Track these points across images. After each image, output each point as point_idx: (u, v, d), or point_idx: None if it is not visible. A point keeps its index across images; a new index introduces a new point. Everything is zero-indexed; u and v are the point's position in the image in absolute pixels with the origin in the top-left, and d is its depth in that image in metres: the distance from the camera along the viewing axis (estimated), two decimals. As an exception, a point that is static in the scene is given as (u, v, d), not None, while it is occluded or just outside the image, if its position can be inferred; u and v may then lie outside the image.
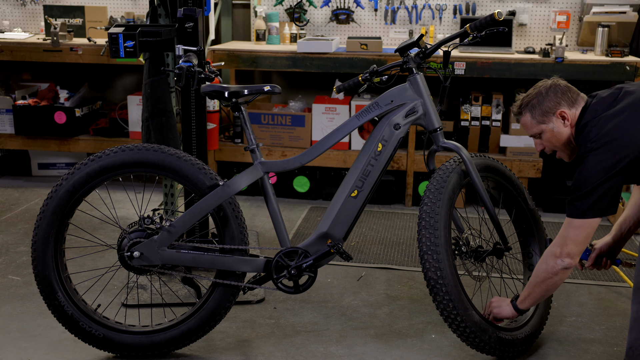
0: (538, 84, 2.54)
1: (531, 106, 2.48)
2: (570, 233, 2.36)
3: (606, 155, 2.27)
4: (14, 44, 4.63)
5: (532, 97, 2.49)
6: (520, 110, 2.53)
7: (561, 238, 2.39)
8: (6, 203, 4.41)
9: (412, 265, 3.53)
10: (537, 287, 2.49)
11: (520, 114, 2.54)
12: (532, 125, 2.50)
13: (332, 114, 4.49)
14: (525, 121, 2.51)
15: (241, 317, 2.95)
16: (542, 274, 2.45)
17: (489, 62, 4.21)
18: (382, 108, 2.62)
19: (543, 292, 2.50)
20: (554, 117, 2.44)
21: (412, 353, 2.70)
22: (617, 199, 2.32)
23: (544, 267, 2.44)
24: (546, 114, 2.45)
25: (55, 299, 2.55)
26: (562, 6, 4.66)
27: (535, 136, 2.52)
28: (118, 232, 3.24)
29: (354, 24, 4.87)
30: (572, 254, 2.37)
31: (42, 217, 2.52)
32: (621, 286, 3.32)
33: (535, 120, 2.47)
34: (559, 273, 2.40)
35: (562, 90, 2.46)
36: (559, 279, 2.42)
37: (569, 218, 2.36)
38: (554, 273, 2.41)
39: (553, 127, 2.45)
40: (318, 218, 4.21)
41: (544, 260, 2.44)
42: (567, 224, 2.38)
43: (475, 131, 4.51)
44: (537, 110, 2.46)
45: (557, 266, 2.39)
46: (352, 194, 2.60)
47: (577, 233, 2.35)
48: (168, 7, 3.18)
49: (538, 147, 2.56)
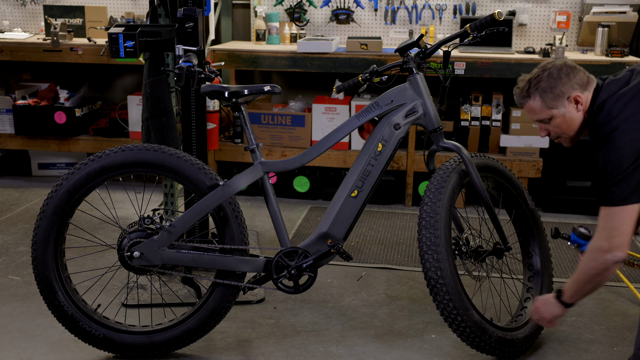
0: (545, 63, 2.34)
1: (542, 89, 2.28)
2: (615, 223, 2.16)
3: (636, 132, 2.10)
4: (14, 44, 4.63)
5: (542, 79, 2.28)
6: (529, 93, 2.32)
7: (605, 230, 2.18)
8: (6, 203, 4.41)
9: (412, 265, 3.53)
10: (586, 285, 2.30)
11: (528, 97, 2.33)
12: (542, 110, 2.31)
13: (332, 114, 4.49)
14: (534, 106, 2.32)
15: (241, 317, 2.95)
16: (591, 271, 2.24)
17: (489, 62, 4.21)
18: (382, 108, 2.62)
19: (592, 288, 2.32)
20: (566, 101, 2.27)
21: (412, 353, 2.70)
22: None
23: (592, 265, 2.23)
24: (558, 98, 2.26)
25: (55, 299, 2.55)
26: (562, 6, 4.66)
27: (544, 121, 2.35)
28: (118, 232, 3.24)
29: (354, 24, 4.87)
30: (622, 245, 2.15)
31: (42, 217, 2.52)
32: (621, 286, 3.32)
33: (545, 105, 2.29)
34: (610, 268, 2.20)
35: (575, 72, 2.27)
36: (610, 273, 2.23)
37: (608, 207, 2.16)
38: (605, 269, 2.20)
39: (565, 113, 2.28)
40: (318, 218, 4.21)
41: (592, 257, 2.23)
42: (607, 215, 2.17)
43: (475, 131, 4.51)
44: (549, 94, 2.27)
45: (607, 262, 2.18)
46: (352, 194, 2.60)
47: (622, 222, 2.15)
48: (168, 7, 3.18)
49: (542, 132, 2.40)
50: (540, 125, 2.40)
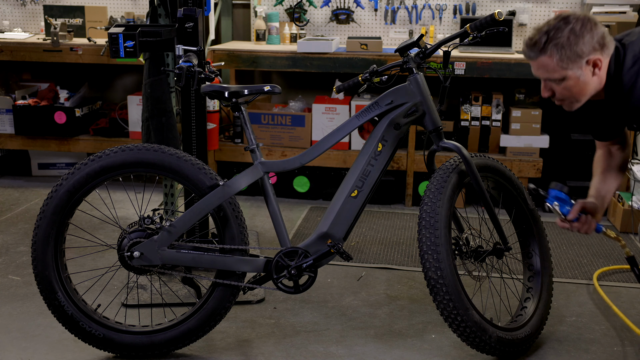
0: (567, 15, 2.07)
1: (561, 45, 2.03)
2: None
3: None
4: (14, 44, 4.63)
5: (563, 34, 2.03)
6: (545, 47, 2.07)
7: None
8: (6, 203, 4.41)
9: (412, 265, 3.53)
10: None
11: (543, 52, 2.08)
12: (555, 69, 2.08)
13: (332, 114, 4.49)
14: (547, 63, 2.08)
15: (241, 317, 2.95)
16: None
17: (489, 62, 4.21)
18: (382, 108, 2.62)
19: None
20: (584, 63, 2.05)
21: (412, 353, 2.70)
22: None
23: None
24: (577, 59, 2.03)
25: (55, 299, 2.54)
26: (562, 6, 4.66)
27: (554, 81, 2.13)
28: (118, 232, 3.24)
29: (354, 24, 4.87)
30: None
31: (42, 217, 2.52)
32: (621, 286, 3.32)
33: (561, 63, 2.05)
34: None
35: (597, 30, 2.03)
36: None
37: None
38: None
39: (580, 76, 2.07)
40: (318, 218, 4.21)
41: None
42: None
43: (475, 131, 4.51)
44: (567, 51, 2.03)
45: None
46: (352, 194, 2.60)
47: None
48: (168, 7, 3.18)
49: (546, 92, 2.17)
50: (545, 84, 2.16)
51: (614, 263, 3.59)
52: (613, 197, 4.24)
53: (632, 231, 4.02)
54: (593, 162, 2.62)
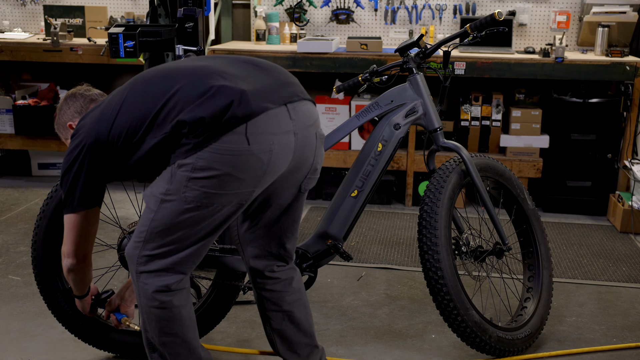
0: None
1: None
2: None
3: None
4: (14, 44, 4.64)
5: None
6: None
7: None
8: (6, 203, 4.41)
9: (412, 265, 3.53)
10: None
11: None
12: None
13: (332, 114, 4.49)
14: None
15: (241, 317, 2.95)
16: None
17: (489, 62, 4.22)
18: (382, 108, 2.62)
19: None
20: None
21: (412, 353, 2.70)
22: None
23: None
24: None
25: (55, 299, 2.54)
26: (562, 6, 4.66)
27: None
28: (118, 232, 3.24)
29: (354, 24, 4.87)
30: None
31: (42, 217, 2.52)
32: (621, 286, 3.32)
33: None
34: None
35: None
36: None
37: None
38: None
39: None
40: (318, 218, 4.21)
41: None
42: None
43: (475, 131, 4.51)
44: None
45: None
46: (352, 194, 2.60)
47: None
48: (168, 7, 3.19)
49: None
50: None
51: (614, 263, 3.59)
52: (613, 197, 4.24)
53: (632, 231, 4.02)
54: None
